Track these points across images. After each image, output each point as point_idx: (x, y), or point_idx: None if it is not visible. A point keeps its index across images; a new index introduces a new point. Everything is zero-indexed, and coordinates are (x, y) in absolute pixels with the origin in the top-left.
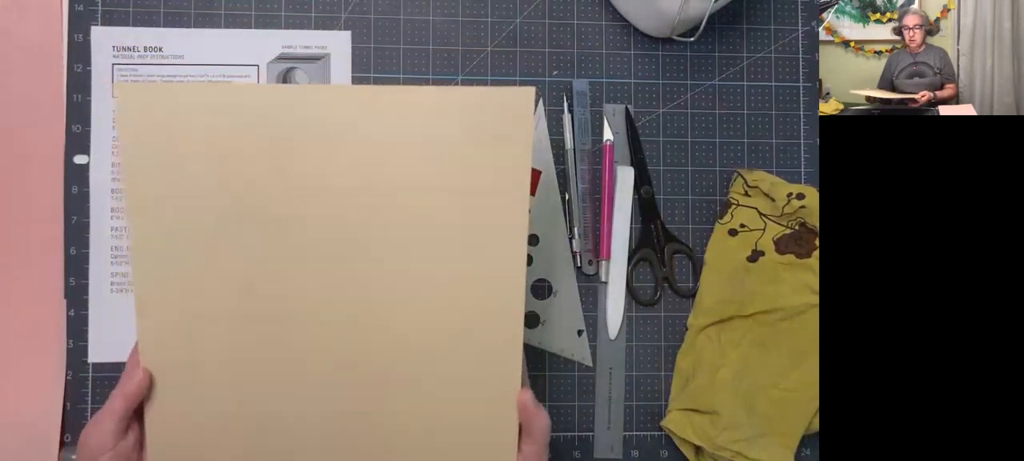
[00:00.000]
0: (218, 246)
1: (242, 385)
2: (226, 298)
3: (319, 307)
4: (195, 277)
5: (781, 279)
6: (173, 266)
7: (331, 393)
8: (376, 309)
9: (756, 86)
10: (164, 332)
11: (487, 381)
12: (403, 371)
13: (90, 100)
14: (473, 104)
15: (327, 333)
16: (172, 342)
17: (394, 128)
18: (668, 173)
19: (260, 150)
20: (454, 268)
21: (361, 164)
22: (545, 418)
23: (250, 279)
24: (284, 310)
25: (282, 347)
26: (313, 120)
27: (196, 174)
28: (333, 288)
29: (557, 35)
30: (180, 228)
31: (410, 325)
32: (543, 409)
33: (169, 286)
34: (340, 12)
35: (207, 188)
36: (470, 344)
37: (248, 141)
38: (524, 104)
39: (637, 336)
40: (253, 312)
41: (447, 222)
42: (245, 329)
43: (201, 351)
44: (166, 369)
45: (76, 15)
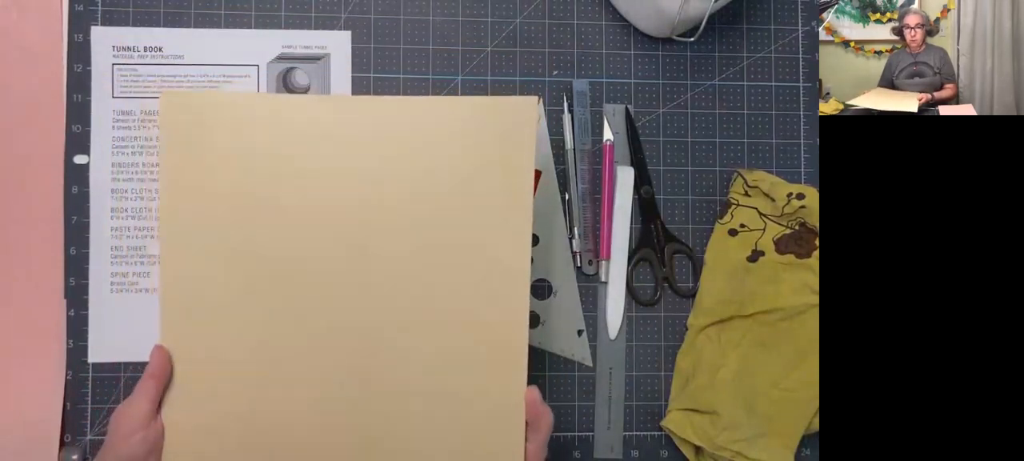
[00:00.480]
0: (240, 247)
1: (256, 381)
2: (244, 296)
3: (332, 308)
4: (217, 275)
5: (781, 279)
6: (197, 263)
7: (342, 392)
8: (387, 311)
9: (756, 86)
10: (185, 328)
11: (495, 380)
12: (413, 371)
13: (90, 100)
14: (478, 113)
15: (339, 334)
16: (192, 339)
17: (405, 137)
18: (668, 173)
19: (285, 157)
20: (461, 271)
21: (374, 171)
22: (550, 415)
23: (268, 278)
24: (298, 309)
25: (295, 347)
26: (335, 129)
27: (225, 178)
28: (346, 290)
29: (557, 35)
30: (206, 229)
31: (420, 326)
32: (548, 407)
33: (192, 282)
34: (340, 12)
35: (234, 191)
36: (478, 345)
37: (275, 148)
38: (527, 113)
39: (637, 336)
40: (269, 310)
41: (454, 227)
42: (260, 327)
43: (218, 349)
44: (185, 364)
45: (76, 15)
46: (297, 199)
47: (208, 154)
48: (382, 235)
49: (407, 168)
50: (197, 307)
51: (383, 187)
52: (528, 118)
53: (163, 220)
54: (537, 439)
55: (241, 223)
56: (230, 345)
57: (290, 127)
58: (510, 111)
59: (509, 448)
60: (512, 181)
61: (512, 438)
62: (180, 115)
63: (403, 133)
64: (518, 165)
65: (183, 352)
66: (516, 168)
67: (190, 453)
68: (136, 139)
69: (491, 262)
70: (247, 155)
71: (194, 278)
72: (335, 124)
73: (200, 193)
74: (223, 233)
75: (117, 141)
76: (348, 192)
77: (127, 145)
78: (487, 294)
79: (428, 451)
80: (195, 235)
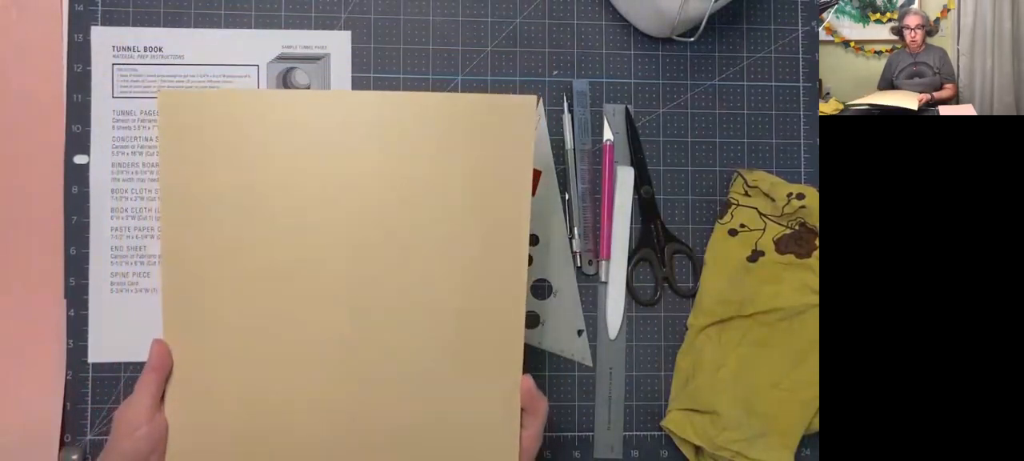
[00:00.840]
0: (240, 243)
1: (257, 376)
2: (245, 291)
3: (330, 303)
4: (218, 270)
5: (781, 279)
6: (198, 260)
7: (340, 385)
8: (384, 305)
9: (756, 86)
10: (187, 322)
11: (491, 373)
12: (411, 365)
13: (90, 100)
14: (477, 110)
15: (337, 328)
16: (194, 335)
17: (404, 132)
18: (668, 173)
19: (284, 152)
20: (459, 267)
21: (372, 166)
22: (545, 403)
23: (268, 273)
24: (297, 304)
25: (295, 341)
26: (333, 124)
27: (225, 174)
28: (344, 284)
29: (557, 35)
30: (206, 225)
31: (418, 320)
32: (543, 395)
33: (193, 279)
34: (340, 12)
35: (233, 187)
36: (475, 339)
37: (274, 144)
38: (526, 112)
39: (637, 336)
40: (269, 305)
41: (452, 224)
42: (261, 321)
43: (220, 344)
44: (187, 360)
45: (76, 15)
46: (296, 194)
47: (207, 151)
48: (380, 230)
49: (406, 164)
50: (198, 303)
51: (381, 182)
52: (527, 117)
53: (164, 217)
54: (533, 425)
55: (241, 218)
56: (231, 340)
57: (289, 122)
58: (509, 110)
59: (506, 437)
60: (510, 179)
61: (508, 427)
62: (178, 114)
63: (402, 128)
64: (516, 164)
65: (185, 347)
66: (514, 166)
67: (193, 449)
68: (136, 139)
69: (488, 258)
70: (246, 151)
71: (195, 275)
72: (334, 119)
73: (200, 190)
74: (223, 229)
75: (117, 141)
76: (346, 187)
77: (127, 145)
78: (485, 289)
79: (426, 442)
80: (196, 231)
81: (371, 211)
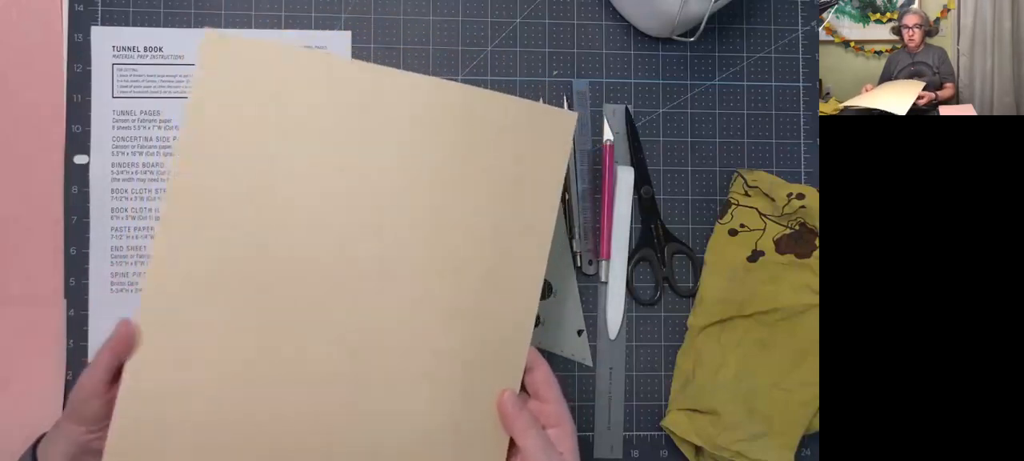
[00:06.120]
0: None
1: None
2: (241, 271)
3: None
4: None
5: (781, 279)
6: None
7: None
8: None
9: (756, 86)
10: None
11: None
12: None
13: (90, 100)
14: (517, 114)
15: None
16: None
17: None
18: (668, 173)
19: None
20: (474, 267)
21: (400, 149)
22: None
23: (268, 254)
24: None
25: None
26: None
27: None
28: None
29: (557, 35)
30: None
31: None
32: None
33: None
34: (340, 12)
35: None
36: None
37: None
38: (566, 126)
39: (637, 336)
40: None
41: (474, 222)
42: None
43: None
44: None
45: (76, 15)
46: (317, 169)
47: (236, 110)
48: (399, 216)
49: (435, 153)
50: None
51: (406, 166)
52: (566, 132)
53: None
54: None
55: (258, 193)
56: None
57: (326, 90)
58: (550, 120)
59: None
60: (539, 191)
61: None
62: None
63: (436, 116)
64: (548, 175)
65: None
66: (546, 178)
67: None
68: (136, 139)
69: (506, 263)
70: (277, 114)
71: (198, 244)
72: (372, 94)
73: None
74: (239, 198)
75: (117, 141)
76: (371, 168)
77: (127, 145)
78: (497, 296)
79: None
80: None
81: (390, 195)
